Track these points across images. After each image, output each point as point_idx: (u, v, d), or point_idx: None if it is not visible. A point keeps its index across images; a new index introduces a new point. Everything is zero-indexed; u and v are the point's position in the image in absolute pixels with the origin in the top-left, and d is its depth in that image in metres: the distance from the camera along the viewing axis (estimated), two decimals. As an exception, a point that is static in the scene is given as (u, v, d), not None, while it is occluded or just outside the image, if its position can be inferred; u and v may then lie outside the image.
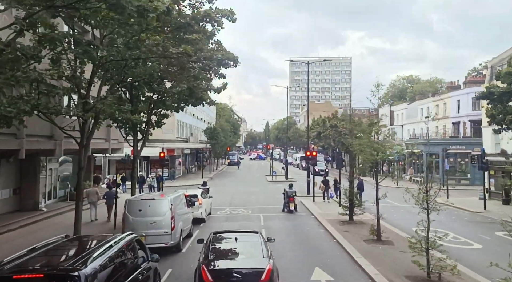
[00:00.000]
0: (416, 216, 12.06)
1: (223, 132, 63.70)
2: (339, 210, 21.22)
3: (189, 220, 17.28)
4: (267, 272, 8.90)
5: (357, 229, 18.69)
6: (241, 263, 9.53)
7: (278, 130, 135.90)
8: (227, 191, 36.24)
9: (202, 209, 21.25)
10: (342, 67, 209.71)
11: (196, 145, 59.59)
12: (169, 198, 14.92)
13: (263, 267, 9.02)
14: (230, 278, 8.90)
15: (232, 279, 8.90)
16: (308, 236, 18.02)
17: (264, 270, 8.93)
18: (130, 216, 14.43)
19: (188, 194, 21.27)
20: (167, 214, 14.48)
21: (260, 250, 9.84)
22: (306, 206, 26.88)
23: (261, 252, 9.72)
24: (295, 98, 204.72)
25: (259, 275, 8.85)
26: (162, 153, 28.60)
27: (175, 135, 49.33)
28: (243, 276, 8.89)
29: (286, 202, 24.54)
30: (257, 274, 8.87)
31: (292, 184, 26.19)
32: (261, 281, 8.78)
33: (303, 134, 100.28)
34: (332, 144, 62.65)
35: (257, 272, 8.92)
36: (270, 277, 8.91)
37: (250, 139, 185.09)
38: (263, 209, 25.54)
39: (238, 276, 8.87)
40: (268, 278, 8.87)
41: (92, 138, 16.47)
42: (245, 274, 8.94)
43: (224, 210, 25.50)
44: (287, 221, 21.85)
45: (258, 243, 10.25)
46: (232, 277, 8.90)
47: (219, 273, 8.96)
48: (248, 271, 9.02)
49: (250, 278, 8.91)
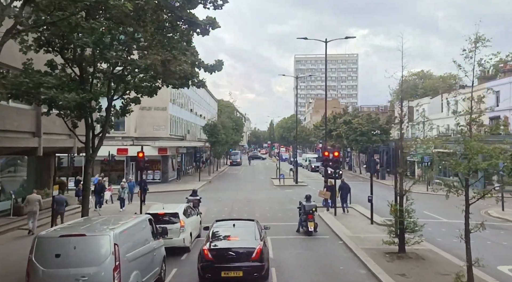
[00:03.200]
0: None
1: (224, 129, 57.39)
2: (370, 228, 14.89)
3: (156, 261, 10.89)
4: (257, 251, 11.00)
5: (418, 269, 12.28)
6: (236, 244, 11.43)
7: (283, 129, 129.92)
8: (226, 199, 29.95)
9: (185, 234, 14.93)
10: (349, 64, 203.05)
11: (193, 143, 53.17)
12: (113, 233, 8.57)
13: (254, 247, 11.10)
14: (227, 256, 10.92)
15: (228, 256, 10.92)
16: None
17: (255, 250, 11.02)
18: (40, 266, 8.14)
19: (163, 213, 15.03)
20: (107, 261, 8.21)
21: (253, 234, 11.94)
22: (327, 222, 20.52)
23: (253, 236, 11.81)
24: (300, 97, 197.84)
25: (250, 253, 10.96)
26: (141, 153, 22.20)
27: (168, 132, 43.03)
28: (237, 254, 10.96)
29: (303, 221, 17.97)
30: (249, 253, 10.97)
31: (310, 195, 19.38)
32: (252, 258, 10.91)
33: (310, 133, 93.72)
34: (345, 143, 56.11)
35: (249, 251, 11.00)
36: (260, 256, 11.00)
37: (254, 138, 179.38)
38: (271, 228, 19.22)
39: (233, 254, 10.95)
40: (258, 256, 10.96)
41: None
42: (239, 252, 11.00)
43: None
44: (306, 250, 15.47)
45: (252, 228, 12.39)
46: (228, 255, 10.94)
47: (217, 251, 11.03)
48: (241, 250, 11.07)
49: (243, 256, 10.96)
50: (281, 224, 20.29)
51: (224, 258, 10.85)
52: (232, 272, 10.76)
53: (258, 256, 10.90)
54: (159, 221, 14.52)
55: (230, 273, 10.75)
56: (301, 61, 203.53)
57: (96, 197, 24.46)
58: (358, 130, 49.46)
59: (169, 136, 43.14)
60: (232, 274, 10.75)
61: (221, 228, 12.56)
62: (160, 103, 42.14)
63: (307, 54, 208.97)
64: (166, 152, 41.66)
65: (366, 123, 49.64)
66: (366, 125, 49.43)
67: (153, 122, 42.02)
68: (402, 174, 14.40)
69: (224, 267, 10.78)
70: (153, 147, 40.05)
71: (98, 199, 24.38)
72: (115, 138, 39.54)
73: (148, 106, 42.07)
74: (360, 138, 49.23)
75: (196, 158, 59.00)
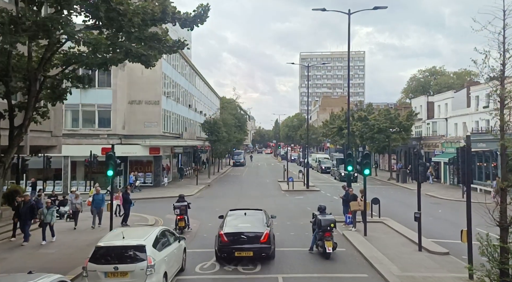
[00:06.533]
0: None
1: (226, 127, 52.16)
2: (421, 259, 9.97)
3: None
4: (265, 235, 13.06)
5: None
6: (247, 229, 13.43)
7: (288, 128, 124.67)
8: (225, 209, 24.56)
9: (155, 277, 9.80)
10: (355, 62, 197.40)
11: (189, 142, 47.84)
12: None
13: (262, 232, 13.17)
14: (240, 239, 13.02)
15: (240, 239, 13.02)
16: None
17: (263, 234, 13.09)
18: None
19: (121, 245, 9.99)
20: None
21: (262, 221, 14.04)
22: (357, 246, 15.26)
23: (262, 223, 13.89)
24: (305, 95, 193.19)
25: (259, 237, 13.01)
26: (103, 151, 16.82)
27: (161, 129, 37.89)
28: (248, 237, 13.05)
29: (319, 239, 14.07)
30: (258, 237, 13.03)
31: (325, 207, 15.33)
32: (261, 241, 12.96)
33: (316, 132, 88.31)
34: (357, 142, 50.62)
35: (258, 235, 13.06)
36: (268, 239, 13.07)
37: (259, 137, 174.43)
38: (282, 255, 14.04)
39: (245, 237, 13.05)
40: (266, 239, 13.02)
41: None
42: (250, 236, 13.09)
43: (209, 262, 13.80)
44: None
45: (261, 216, 14.53)
46: (240, 238, 13.04)
47: (231, 235, 13.06)
48: (252, 234, 13.14)
49: (253, 239, 13.02)
50: (295, 250, 15.10)
51: (238, 241, 12.94)
52: (244, 252, 12.85)
53: (266, 239, 13.01)
54: (115, 257, 9.75)
55: (242, 253, 12.85)
56: (307, 58, 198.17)
57: (95, 212, 19.28)
58: (375, 127, 44.08)
59: (162, 133, 38.00)
60: (244, 254, 12.86)
61: (234, 216, 14.70)
62: (151, 96, 37.15)
63: (313, 52, 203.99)
64: (159, 152, 36.54)
65: (384, 120, 44.29)
66: (384, 121, 44.09)
67: (144, 118, 36.93)
68: (507, 190, 8.98)
69: (238, 248, 12.84)
70: (143, 146, 34.99)
71: (25, 222, 16.33)
72: (99, 135, 34.54)
73: (138, 100, 37.08)
74: (377, 136, 43.87)
75: (195, 158, 53.87)
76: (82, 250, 14.50)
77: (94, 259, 9.84)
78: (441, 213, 23.68)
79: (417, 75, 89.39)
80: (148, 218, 21.63)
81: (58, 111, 19.21)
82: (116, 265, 9.59)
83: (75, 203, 19.13)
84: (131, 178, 35.35)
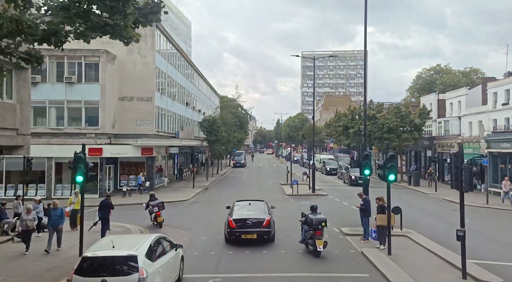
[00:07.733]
0: None
1: (225, 126, 49.22)
2: None
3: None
4: (267, 221, 15.76)
5: None
6: (252, 215, 16.04)
7: (290, 128, 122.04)
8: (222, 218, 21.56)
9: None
10: (358, 61, 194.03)
11: (185, 142, 44.63)
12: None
13: (264, 218, 15.86)
14: (246, 224, 15.64)
15: (246, 224, 15.66)
16: None
17: (265, 220, 15.78)
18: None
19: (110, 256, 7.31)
20: None
21: (264, 210, 16.73)
22: (381, 270, 12.31)
23: (264, 211, 16.56)
24: (307, 95, 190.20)
25: (262, 222, 15.69)
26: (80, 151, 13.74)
27: (155, 128, 34.96)
28: (253, 222, 15.69)
29: (310, 237, 14.49)
30: (260, 222, 15.71)
31: (317, 206, 15.61)
32: (263, 226, 15.61)
33: (318, 131, 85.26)
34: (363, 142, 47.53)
35: (261, 221, 15.74)
36: (268, 224, 15.75)
37: (260, 137, 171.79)
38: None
39: (250, 222, 15.68)
40: (267, 224, 15.72)
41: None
42: (254, 221, 15.73)
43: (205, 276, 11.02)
44: None
45: (263, 206, 17.21)
46: (246, 223, 15.67)
47: (238, 221, 15.75)
48: (255, 220, 15.78)
49: (256, 224, 15.67)
50: (307, 275, 12.14)
51: (244, 225, 15.65)
52: (249, 235, 15.51)
53: (267, 224, 15.76)
54: (103, 269, 8.92)
55: (248, 235, 15.50)
56: (308, 58, 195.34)
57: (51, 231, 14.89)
58: (385, 125, 41.10)
59: (156, 133, 35.07)
60: (249, 236, 15.50)
61: (240, 205, 17.41)
62: (144, 92, 34.22)
63: (314, 51, 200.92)
64: (152, 153, 33.63)
65: (394, 118, 41.33)
66: (394, 120, 41.14)
67: (135, 116, 34.00)
68: None
69: (244, 232, 15.57)
70: (135, 146, 32.09)
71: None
72: (86, 135, 31.61)
73: (129, 96, 34.16)
74: (387, 136, 40.87)
75: (192, 159, 50.95)
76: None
77: (80, 271, 8.87)
78: (470, 223, 20.67)
79: (422, 74, 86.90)
80: (131, 229, 18.67)
81: (25, 105, 16.23)
82: (104, 278, 8.61)
83: (26, 219, 14.50)
84: (140, 178, 33.33)
